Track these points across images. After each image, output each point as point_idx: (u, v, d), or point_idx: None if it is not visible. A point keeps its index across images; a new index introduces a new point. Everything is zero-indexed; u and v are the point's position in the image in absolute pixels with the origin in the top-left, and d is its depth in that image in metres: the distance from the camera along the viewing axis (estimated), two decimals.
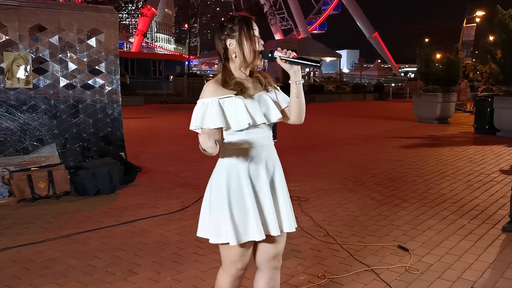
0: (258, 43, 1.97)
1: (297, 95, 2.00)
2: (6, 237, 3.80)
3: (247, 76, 2.02)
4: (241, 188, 1.94)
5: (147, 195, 5.18)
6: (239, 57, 1.96)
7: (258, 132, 1.98)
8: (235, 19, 1.97)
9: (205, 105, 1.92)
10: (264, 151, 2.01)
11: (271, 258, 2.09)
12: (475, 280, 3.05)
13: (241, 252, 1.99)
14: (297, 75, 1.97)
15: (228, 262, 2.03)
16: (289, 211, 2.04)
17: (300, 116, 2.06)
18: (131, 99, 20.07)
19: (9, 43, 5.43)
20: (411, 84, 32.81)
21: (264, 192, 1.98)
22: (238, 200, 1.94)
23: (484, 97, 11.85)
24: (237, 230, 1.92)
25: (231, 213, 1.92)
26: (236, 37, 1.94)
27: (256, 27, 1.98)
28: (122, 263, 3.29)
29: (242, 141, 1.96)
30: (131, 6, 28.76)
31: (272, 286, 2.13)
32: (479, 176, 6.27)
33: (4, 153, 5.42)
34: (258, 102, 1.97)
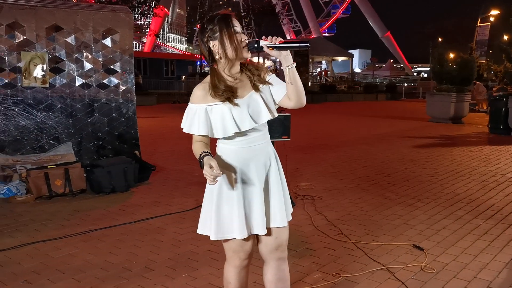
0: (241, 39, 1.95)
1: (291, 80, 1.96)
2: (24, 234, 3.86)
3: (237, 74, 2.01)
4: (231, 187, 2.00)
5: (161, 193, 5.23)
6: (223, 57, 1.96)
7: (251, 134, 2.01)
8: (214, 19, 1.96)
9: (193, 111, 1.98)
10: (259, 149, 2.05)
11: (273, 250, 2.12)
12: (491, 280, 3.03)
13: (241, 242, 2.05)
14: (287, 60, 1.93)
15: (230, 254, 2.10)
16: (281, 206, 2.07)
17: (300, 100, 2.02)
18: (144, 98, 20.22)
19: (26, 43, 5.52)
20: (424, 84, 32.56)
21: (256, 190, 2.02)
22: (228, 198, 2.01)
23: (499, 96, 11.72)
24: (221, 226, 2.01)
25: (218, 208, 2.01)
26: (218, 38, 1.94)
27: (236, 23, 1.96)
28: (138, 259, 3.33)
29: (236, 142, 2.01)
30: (145, 6, 28.95)
31: (280, 277, 2.15)
32: (494, 176, 6.21)
33: (22, 151, 5.51)
34: (247, 105, 1.97)
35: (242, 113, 1.95)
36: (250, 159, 2.02)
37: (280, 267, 2.15)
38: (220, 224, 2.01)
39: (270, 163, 2.07)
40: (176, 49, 78.00)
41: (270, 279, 2.15)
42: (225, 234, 2.02)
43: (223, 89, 1.94)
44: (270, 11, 41.66)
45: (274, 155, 2.11)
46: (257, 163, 2.03)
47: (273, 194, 2.06)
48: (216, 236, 2.02)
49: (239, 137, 2.00)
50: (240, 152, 2.01)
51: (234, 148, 2.02)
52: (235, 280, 2.13)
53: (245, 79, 2.02)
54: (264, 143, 2.07)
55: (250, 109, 1.97)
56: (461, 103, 13.60)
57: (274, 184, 2.06)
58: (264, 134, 2.07)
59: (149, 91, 24.68)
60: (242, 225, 1.98)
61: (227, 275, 2.14)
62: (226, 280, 2.15)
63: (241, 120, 1.95)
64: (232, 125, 1.94)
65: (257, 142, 2.04)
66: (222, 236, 2.02)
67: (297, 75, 1.97)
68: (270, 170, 2.07)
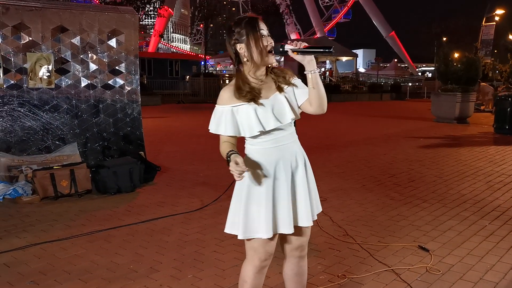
0: (267, 42, 1.99)
1: (313, 85, 2.00)
2: (31, 234, 3.89)
3: (262, 76, 2.05)
4: (259, 187, 2.03)
5: (167, 194, 5.24)
6: (249, 60, 2.00)
7: (277, 133, 2.05)
8: (241, 22, 2.00)
9: (220, 112, 2.04)
10: (286, 149, 2.08)
11: (294, 249, 2.20)
12: (498, 281, 3.02)
13: (263, 242, 2.07)
14: (311, 65, 1.97)
15: (251, 253, 2.12)
16: (308, 205, 2.10)
17: (321, 106, 2.04)
18: (148, 99, 20.24)
19: (32, 44, 5.54)
20: (429, 84, 32.44)
21: (283, 190, 2.05)
22: (256, 198, 2.03)
23: (504, 96, 11.67)
24: (248, 225, 2.03)
25: (246, 208, 2.04)
26: (244, 41, 1.98)
27: (263, 26, 2.00)
28: (144, 260, 3.34)
29: (263, 142, 2.05)
30: (149, 6, 29.01)
31: (297, 273, 2.26)
32: (500, 177, 6.18)
33: (27, 152, 5.54)
34: (271, 106, 2.02)
35: (266, 113, 2.00)
36: (277, 158, 2.06)
37: (299, 264, 2.26)
38: (248, 223, 2.04)
39: (297, 162, 2.10)
40: (180, 49, 78.14)
41: (288, 273, 2.26)
42: (252, 233, 2.05)
43: (247, 91, 1.99)
44: (274, 11, 41.65)
45: (301, 155, 2.14)
46: (284, 162, 2.06)
47: (300, 193, 2.09)
48: (244, 235, 2.05)
49: (266, 137, 2.04)
50: (267, 152, 2.06)
51: (261, 149, 2.06)
52: (251, 280, 2.15)
53: (270, 81, 2.07)
54: (290, 142, 2.11)
55: (274, 109, 2.02)
56: (466, 103, 13.53)
57: (300, 183, 2.10)
58: (291, 134, 2.12)
59: (154, 91, 24.72)
60: (268, 224, 2.02)
61: (244, 274, 2.17)
62: (242, 279, 2.18)
63: (265, 120, 1.99)
64: (257, 124, 1.98)
65: (284, 142, 2.08)
66: (249, 235, 2.05)
67: (320, 80, 2.02)
68: (297, 170, 2.10)
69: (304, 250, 2.23)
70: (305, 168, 2.12)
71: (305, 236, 2.19)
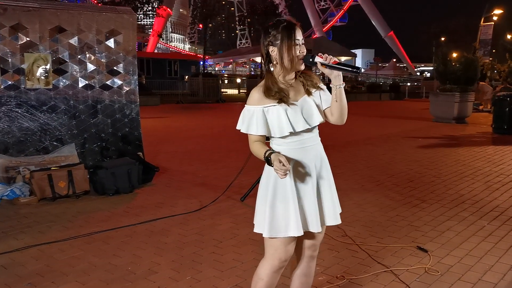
0: (299, 51, 2.04)
1: (337, 98, 2.07)
2: (28, 235, 3.87)
3: (291, 80, 2.11)
4: (285, 186, 2.07)
5: (165, 195, 5.23)
6: (279, 64, 2.06)
7: (304, 135, 2.11)
8: (279, 26, 2.05)
9: (251, 113, 2.08)
10: (311, 150, 2.14)
11: (307, 247, 2.24)
12: (496, 282, 3.02)
13: (285, 242, 2.10)
14: (337, 80, 2.04)
15: (271, 252, 2.14)
16: (334, 205, 2.17)
17: (341, 117, 2.12)
18: (147, 99, 20.22)
19: (30, 45, 5.53)
20: (428, 84, 32.50)
21: (309, 189, 2.10)
22: (282, 197, 2.07)
23: (503, 96, 11.67)
24: (275, 224, 2.07)
25: (272, 207, 2.07)
26: (277, 45, 2.04)
27: (299, 34, 2.05)
28: (142, 262, 3.33)
29: (290, 142, 2.10)
30: (147, 6, 28.99)
31: (306, 273, 2.29)
32: (498, 177, 6.18)
33: (25, 152, 5.52)
34: (300, 108, 2.08)
35: (296, 115, 2.05)
36: (303, 159, 2.10)
37: (308, 264, 2.29)
38: (275, 221, 2.07)
39: (321, 164, 2.16)
40: (178, 49, 78.09)
41: (297, 272, 2.29)
42: (278, 232, 2.07)
43: (275, 91, 2.05)
44: (272, 11, 41.63)
45: (324, 157, 2.20)
46: (309, 163, 2.11)
47: (325, 193, 2.16)
48: (270, 234, 2.07)
49: (293, 138, 2.09)
50: (293, 153, 2.10)
51: (288, 149, 2.10)
52: (268, 278, 2.15)
53: (298, 84, 2.13)
54: (315, 144, 2.17)
55: (304, 111, 2.08)
56: (465, 103, 13.55)
57: (326, 183, 2.16)
58: (316, 136, 2.17)
59: (153, 92, 24.70)
60: (298, 222, 2.05)
61: (261, 271, 2.17)
62: (258, 276, 2.18)
63: (295, 121, 2.05)
64: (287, 125, 2.04)
65: (309, 143, 2.13)
66: (275, 234, 2.07)
67: (344, 95, 2.08)
68: (321, 171, 2.15)
69: (316, 250, 2.27)
70: (328, 170, 2.19)
71: (320, 236, 2.24)
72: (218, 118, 14.87)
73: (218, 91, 26.26)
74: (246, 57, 57.39)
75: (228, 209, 4.64)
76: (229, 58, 62.43)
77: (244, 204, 4.81)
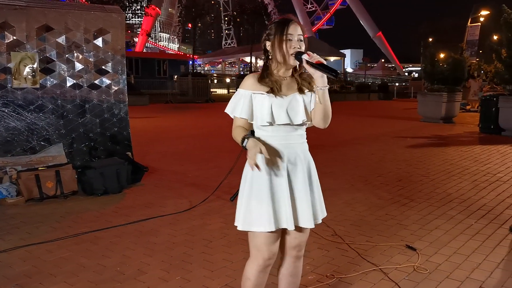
0: (291, 46, 2.02)
1: (320, 100, 2.04)
2: (15, 236, 3.82)
3: (287, 76, 2.11)
4: (261, 180, 2.06)
5: (154, 195, 5.20)
6: (273, 58, 2.08)
7: (289, 132, 2.10)
8: (275, 21, 2.10)
9: (240, 95, 2.10)
10: (295, 148, 2.12)
11: (291, 248, 2.22)
12: (484, 280, 3.05)
13: (267, 242, 2.09)
14: (322, 81, 1.99)
15: (255, 252, 2.14)
16: (308, 208, 2.11)
17: (324, 120, 2.09)
18: (136, 98, 20.12)
19: (16, 43, 5.46)
20: (416, 84, 32.77)
21: (284, 186, 2.07)
22: (257, 191, 2.06)
23: (489, 96, 11.82)
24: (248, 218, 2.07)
25: (248, 199, 2.08)
26: (271, 40, 2.06)
27: (293, 30, 2.04)
28: (131, 262, 3.31)
29: (272, 136, 2.09)
30: (136, 5, 28.82)
31: (292, 272, 2.29)
32: (485, 176, 6.25)
33: (12, 152, 5.46)
34: (288, 103, 2.07)
35: (280, 108, 2.04)
36: (285, 155, 2.09)
37: (295, 264, 2.27)
38: (248, 215, 2.08)
39: (305, 164, 2.13)
40: (168, 49, 77.77)
41: (283, 272, 2.28)
42: (251, 226, 2.07)
43: (271, 81, 2.07)
44: (261, 11, 41.64)
45: (307, 158, 2.17)
46: (288, 161, 2.09)
47: (300, 193, 2.10)
48: (243, 227, 2.09)
49: (277, 132, 2.08)
50: (276, 147, 2.08)
51: (271, 142, 2.08)
52: (255, 278, 2.16)
53: (293, 81, 2.12)
54: (298, 143, 2.14)
55: (289, 106, 2.06)
56: (452, 103, 13.70)
57: (301, 183, 2.10)
58: (301, 136, 2.15)
59: (142, 91, 24.57)
60: (270, 218, 2.04)
61: (248, 272, 2.18)
62: (246, 276, 2.19)
63: (277, 114, 2.04)
64: (267, 115, 2.04)
65: (294, 141, 2.12)
66: (248, 227, 2.08)
67: (328, 98, 2.05)
68: (300, 170, 2.11)
69: (301, 250, 2.25)
70: (309, 171, 2.15)
71: (304, 236, 2.21)
72: (208, 118, 14.83)
73: (207, 91, 26.22)
74: (236, 57, 57.35)
75: (218, 209, 4.63)
76: (218, 58, 62.32)
77: (234, 204, 4.78)
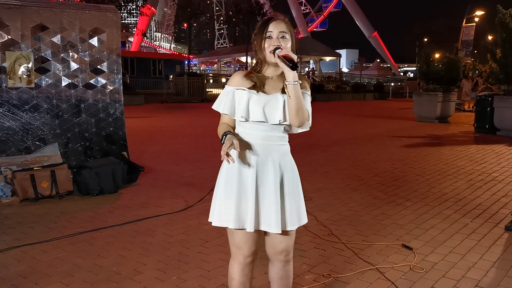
0: (270, 44, 2.01)
1: (290, 95, 1.97)
2: (10, 237, 3.80)
3: (273, 75, 2.09)
4: (232, 177, 2.07)
5: (150, 195, 5.18)
6: (258, 56, 2.09)
7: (266, 131, 2.06)
8: (260, 21, 2.11)
9: (226, 92, 2.11)
10: (273, 150, 2.08)
11: (277, 253, 2.19)
12: (480, 279, 3.06)
13: (244, 239, 2.10)
14: (290, 76, 1.93)
15: (234, 250, 2.16)
16: (277, 212, 2.04)
17: (295, 118, 1.99)
18: (131, 98, 20.05)
19: (11, 43, 5.43)
20: (411, 84, 32.88)
21: (250, 186, 2.05)
22: (229, 189, 2.08)
23: (485, 96, 11.88)
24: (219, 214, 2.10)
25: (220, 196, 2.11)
26: (255, 39, 2.07)
27: (273, 27, 2.03)
28: (127, 262, 3.30)
29: (245, 133, 2.08)
30: (131, 5, 28.74)
31: (282, 276, 2.24)
32: (480, 175, 6.28)
33: (7, 152, 5.42)
34: (266, 101, 2.03)
35: (257, 105, 2.02)
36: (256, 153, 2.06)
37: (284, 268, 2.23)
38: (217, 211, 2.11)
39: (276, 166, 2.07)
40: (163, 48, 77.62)
41: (273, 276, 2.26)
42: (221, 222, 2.10)
43: (257, 77, 2.07)
44: (257, 11, 41.62)
45: (285, 162, 2.12)
46: (261, 161, 2.06)
47: (270, 196, 2.05)
48: (213, 222, 2.13)
49: (255, 129, 2.06)
50: (249, 144, 2.07)
51: (248, 139, 2.07)
52: (238, 277, 2.17)
53: (279, 81, 2.07)
54: (276, 145, 2.10)
55: (267, 105, 2.02)
56: (448, 102, 13.76)
57: (272, 187, 2.05)
58: (280, 138, 2.10)
59: (137, 91, 24.50)
60: (237, 216, 2.05)
61: (231, 271, 2.20)
62: (230, 276, 2.21)
63: (253, 111, 2.02)
64: (243, 110, 2.03)
65: (273, 142, 2.08)
66: (218, 223, 2.11)
67: (299, 94, 1.96)
68: (273, 173, 2.06)
69: (289, 254, 2.20)
70: (282, 175, 2.09)
71: (290, 240, 2.16)
72: (203, 118, 14.81)
73: (203, 91, 26.16)
74: (231, 56, 57.30)
75: None
76: (214, 58, 62.25)
77: None
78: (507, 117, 10.62)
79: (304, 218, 2.16)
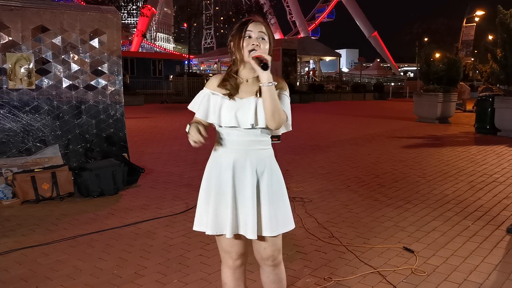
0: (249, 43, 1.97)
1: (264, 97, 1.93)
2: (11, 239, 3.79)
3: (249, 77, 2.05)
4: (209, 182, 2.10)
5: (150, 196, 5.18)
6: (236, 57, 2.04)
7: (237, 135, 2.04)
8: (239, 22, 2.07)
9: (202, 94, 2.11)
10: (251, 155, 2.04)
11: (263, 259, 2.17)
12: (482, 282, 3.05)
13: (230, 243, 2.12)
14: (263, 77, 1.90)
15: (223, 254, 2.19)
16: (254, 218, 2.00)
17: (271, 120, 1.94)
18: (131, 99, 20.05)
19: (12, 44, 5.42)
20: (411, 84, 32.86)
21: (228, 191, 2.04)
22: (206, 194, 2.10)
23: (485, 97, 11.86)
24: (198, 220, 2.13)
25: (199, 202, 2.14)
26: (233, 39, 2.04)
27: (253, 27, 2.00)
28: (128, 265, 3.29)
29: (223, 138, 2.08)
30: (131, 6, 28.72)
31: (274, 280, 2.21)
32: (481, 177, 6.27)
33: (7, 154, 5.42)
34: (239, 106, 2.00)
35: (229, 111, 2.00)
36: (232, 158, 2.04)
37: (274, 272, 2.19)
38: (198, 217, 2.14)
39: (254, 171, 2.03)
40: (163, 48, 77.60)
41: (265, 281, 2.23)
42: (201, 227, 2.14)
43: (229, 83, 2.03)
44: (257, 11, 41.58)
45: (266, 167, 2.06)
46: (239, 165, 2.03)
47: (247, 201, 2.01)
48: (195, 227, 2.16)
49: (229, 134, 2.05)
50: (230, 152, 2.06)
51: (225, 139, 2.07)
52: (230, 281, 2.19)
53: (255, 84, 2.03)
54: (254, 150, 2.05)
55: (240, 110, 1.99)
56: (448, 103, 13.74)
57: (248, 192, 2.01)
58: (259, 142, 2.06)
59: (137, 91, 24.48)
60: (213, 222, 2.06)
61: (223, 276, 2.22)
62: (223, 281, 2.23)
63: (225, 116, 2.01)
64: (214, 116, 2.04)
65: (246, 146, 2.04)
66: (198, 227, 2.14)
67: (274, 95, 1.92)
68: (247, 177, 2.02)
69: (276, 259, 2.15)
70: (259, 180, 2.05)
71: (274, 246, 2.11)
72: None
73: None
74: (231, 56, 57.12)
75: None
76: (214, 58, 62.23)
77: None
78: (507, 118, 10.62)
79: (289, 225, 2.10)
